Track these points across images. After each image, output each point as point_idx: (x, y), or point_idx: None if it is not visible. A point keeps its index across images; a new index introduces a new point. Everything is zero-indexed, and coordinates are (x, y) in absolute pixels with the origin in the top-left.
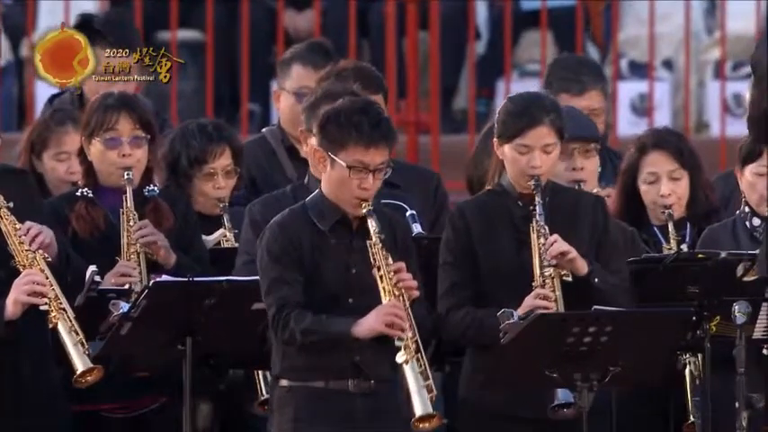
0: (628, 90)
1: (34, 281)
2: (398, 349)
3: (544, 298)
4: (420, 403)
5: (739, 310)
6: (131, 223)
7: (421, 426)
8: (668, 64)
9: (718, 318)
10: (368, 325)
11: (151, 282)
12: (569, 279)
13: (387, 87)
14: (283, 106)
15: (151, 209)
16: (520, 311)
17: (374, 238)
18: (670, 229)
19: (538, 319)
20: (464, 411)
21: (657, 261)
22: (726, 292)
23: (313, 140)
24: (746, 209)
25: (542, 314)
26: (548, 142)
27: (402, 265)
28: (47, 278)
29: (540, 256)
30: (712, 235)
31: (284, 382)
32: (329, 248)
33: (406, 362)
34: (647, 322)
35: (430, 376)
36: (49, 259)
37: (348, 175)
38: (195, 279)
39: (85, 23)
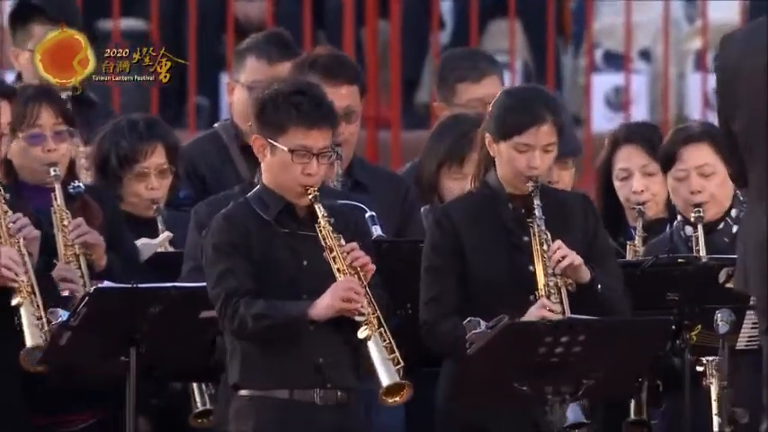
0: (602, 83)
1: (12, 258)
2: (359, 326)
3: (550, 310)
4: (386, 373)
5: (722, 319)
6: (65, 223)
7: (390, 400)
8: (646, 54)
9: (699, 326)
10: (324, 303)
11: (92, 288)
12: (573, 289)
13: (363, 79)
14: (236, 100)
15: (79, 207)
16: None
17: (323, 222)
18: (638, 227)
19: (506, 329)
20: (443, 426)
21: (634, 266)
22: (708, 299)
23: None
24: (679, 217)
25: (511, 323)
26: (549, 141)
27: (354, 244)
28: (24, 263)
29: (543, 265)
30: (651, 251)
31: (244, 392)
32: (278, 239)
33: (369, 337)
34: (624, 331)
35: (396, 350)
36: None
37: (291, 159)
38: (140, 285)
39: (24, 3)
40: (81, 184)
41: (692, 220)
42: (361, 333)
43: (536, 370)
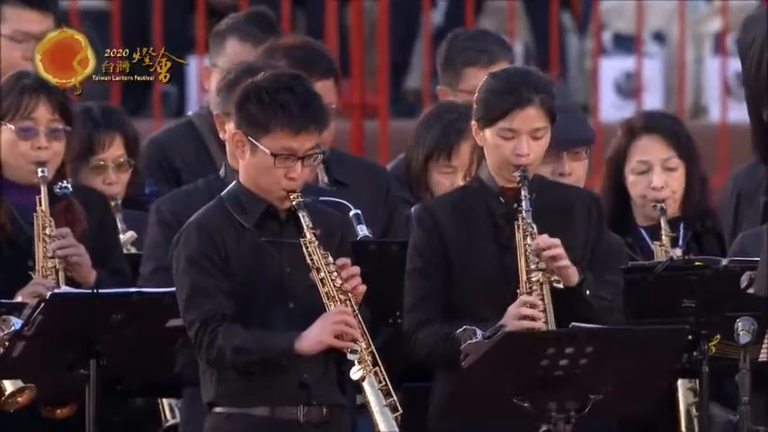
0: (612, 67)
1: None
2: (352, 364)
3: (531, 306)
4: (384, 423)
5: (743, 328)
6: (48, 231)
7: None
8: (659, 36)
9: (718, 336)
10: (313, 338)
11: (47, 293)
12: (560, 286)
13: (338, 71)
14: (214, 86)
15: (62, 209)
16: (503, 323)
17: (308, 235)
18: (663, 226)
19: (505, 339)
20: None
21: (647, 270)
22: (727, 307)
23: (231, 126)
24: None
25: (510, 333)
26: (537, 126)
27: (346, 260)
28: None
29: (526, 259)
30: (744, 244)
31: (220, 410)
32: (258, 247)
33: (363, 378)
34: (635, 342)
35: (392, 392)
36: None
37: (273, 163)
38: (100, 291)
39: None
40: (69, 185)
41: None
42: (354, 374)
43: (538, 384)
